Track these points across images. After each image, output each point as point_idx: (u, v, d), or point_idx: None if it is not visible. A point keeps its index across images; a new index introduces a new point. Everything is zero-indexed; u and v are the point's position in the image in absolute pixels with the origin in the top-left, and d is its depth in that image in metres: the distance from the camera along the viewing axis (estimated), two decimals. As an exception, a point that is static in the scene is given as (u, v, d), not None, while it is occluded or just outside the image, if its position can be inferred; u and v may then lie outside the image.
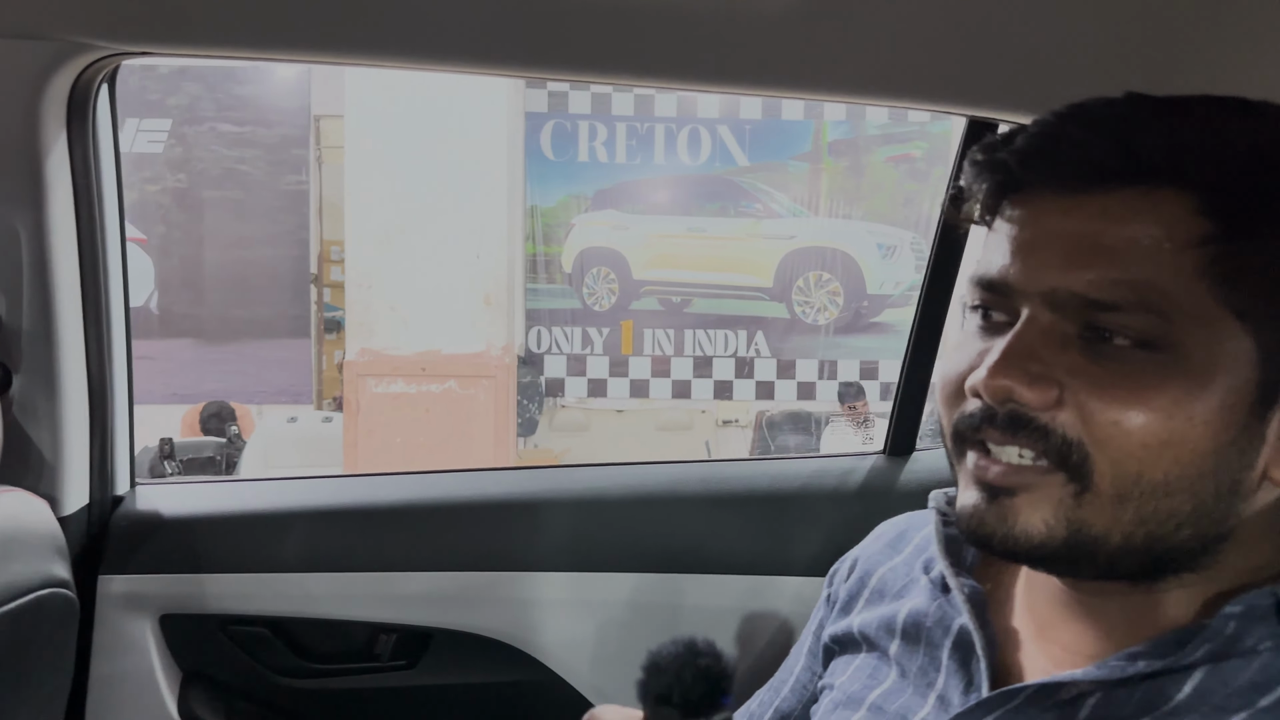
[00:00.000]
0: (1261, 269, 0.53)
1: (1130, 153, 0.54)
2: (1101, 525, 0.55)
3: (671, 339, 6.19)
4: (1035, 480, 0.56)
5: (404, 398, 4.65)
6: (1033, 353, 0.55)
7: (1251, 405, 0.54)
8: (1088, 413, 0.54)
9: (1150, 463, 0.53)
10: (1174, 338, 0.53)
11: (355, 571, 1.22)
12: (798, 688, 0.83)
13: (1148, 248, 0.53)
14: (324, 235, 6.31)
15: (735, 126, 6.06)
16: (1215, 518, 0.56)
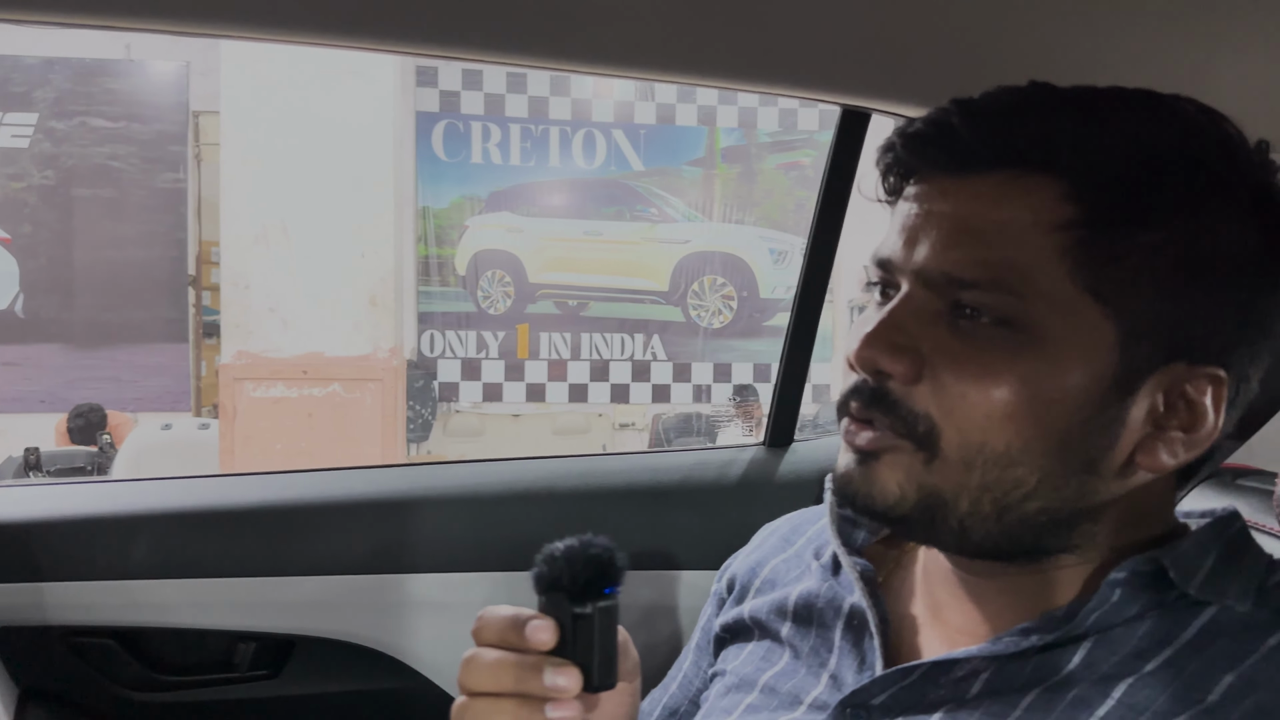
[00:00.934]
0: (1123, 256, 0.55)
1: (1000, 140, 0.56)
2: (949, 490, 0.57)
3: (568, 342, 6.16)
4: (892, 444, 0.58)
5: (285, 402, 4.49)
6: (901, 326, 0.57)
7: (1109, 389, 0.56)
8: (940, 384, 0.56)
9: (994, 434, 0.56)
10: (1030, 317, 0.55)
11: (210, 578, 1.15)
12: (685, 684, 0.83)
13: (1013, 230, 0.55)
14: (202, 236, 6.08)
15: (630, 131, 6.08)
16: (1068, 495, 0.57)
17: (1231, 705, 0.53)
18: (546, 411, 6.22)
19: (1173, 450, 0.57)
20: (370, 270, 4.67)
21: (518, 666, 0.56)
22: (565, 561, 0.57)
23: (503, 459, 1.30)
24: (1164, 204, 0.55)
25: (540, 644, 0.56)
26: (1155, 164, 0.55)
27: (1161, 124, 0.56)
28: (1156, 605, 0.57)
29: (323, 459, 4.41)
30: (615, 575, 0.57)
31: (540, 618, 0.57)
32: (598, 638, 0.56)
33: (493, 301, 6.03)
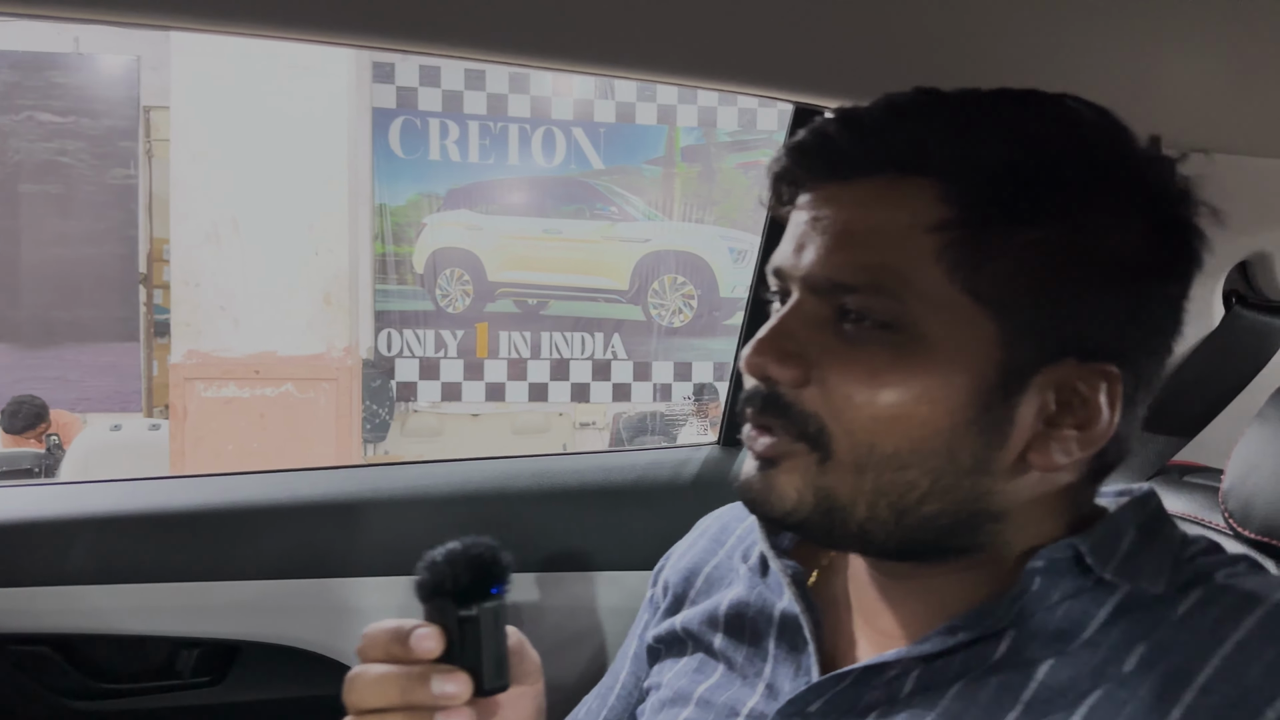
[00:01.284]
0: (1000, 255, 0.55)
1: (879, 145, 0.57)
2: (845, 494, 0.58)
3: (528, 341, 6.13)
4: (788, 450, 0.59)
5: (236, 402, 4.42)
6: (791, 333, 0.58)
7: (994, 388, 0.56)
8: (828, 388, 0.57)
9: (881, 435, 0.56)
10: (910, 319, 0.55)
11: (151, 583, 1.12)
12: (623, 694, 0.82)
13: (890, 232, 0.56)
14: (154, 233, 5.97)
15: (590, 129, 6.06)
16: (960, 496, 0.58)
17: (1145, 672, 0.54)
18: (506, 411, 6.18)
19: (1066, 448, 0.58)
20: (324, 268, 4.61)
21: (403, 678, 0.55)
22: (447, 565, 0.56)
23: (453, 460, 1.28)
24: (1041, 202, 0.55)
25: (426, 652, 0.55)
26: (1032, 162, 0.56)
27: (1041, 122, 0.57)
28: (1075, 591, 0.58)
29: (276, 460, 4.35)
30: (500, 574, 0.57)
31: (424, 626, 0.56)
32: (485, 640, 0.56)
33: (451, 300, 5.98)
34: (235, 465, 4.15)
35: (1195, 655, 0.54)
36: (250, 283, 4.51)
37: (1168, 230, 0.58)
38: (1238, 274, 1.04)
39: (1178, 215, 0.59)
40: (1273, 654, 0.52)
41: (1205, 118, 0.96)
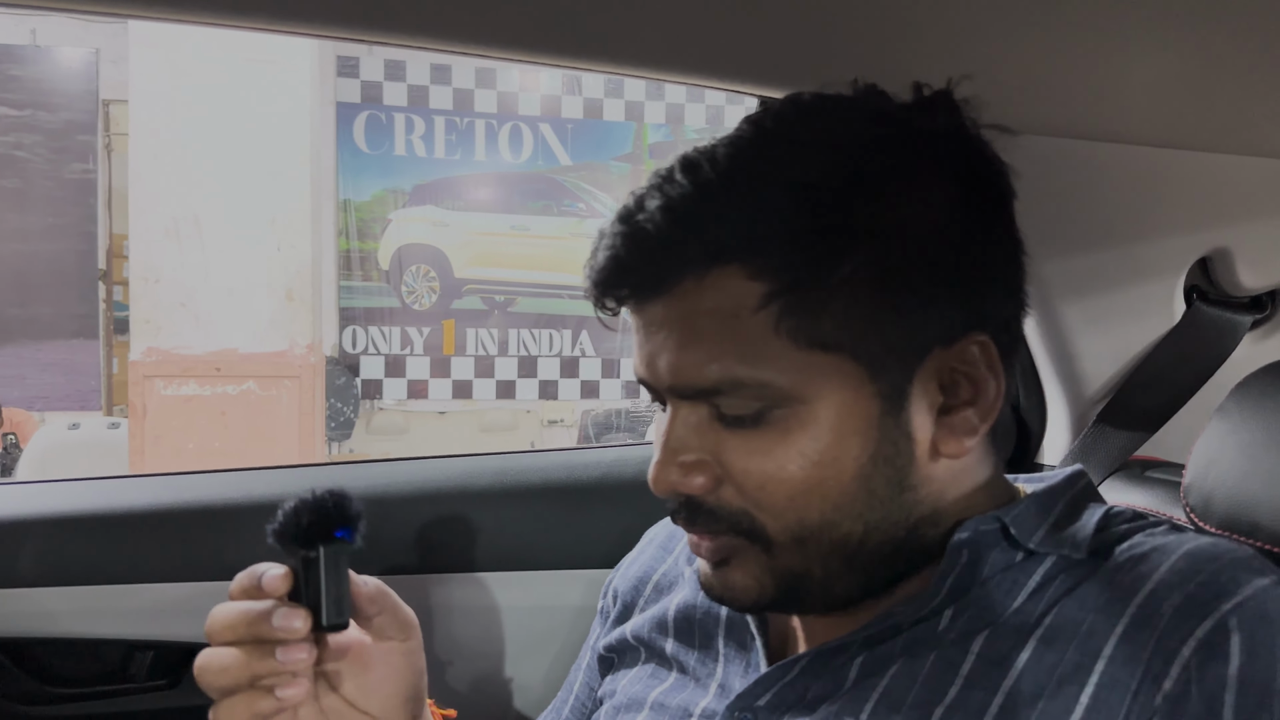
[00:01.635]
0: (826, 304, 0.55)
1: (671, 257, 0.56)
2: (799, 566, 0.59)
3: (495, 338, 6.09)
4: (735, 547, 0.60)
5: (197, 400, 4.35)
6: (684, 444, 0.59)
7: (880, 418, 0.57)
8: (740, 483, 0.58)
9: (805, 508, 0.57)
10: (780, 396, 0.56)
11: (103, 584, 1.10)
12: (578, 706, 0.83)
13: (725, 325, 0.56)
14: (114, 229, 5.87)
15: (557, 125, 6.03)
16: (895, 517, 0.59)
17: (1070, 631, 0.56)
18: (474, 409, 6.14)
19: (968, 427, 0.59)
20: (287, 264, 4.55)
21: (251, 612, 0.59)
22: (292, 511, 0.60)
23: (414, 458, 1.26)
24: (839, 237, 0.55)
25: (273, 590, 0.60)
26: (815, 204, 0.55)
27: (809, 154, 0.57)
28: (1006, 564, 0.59)
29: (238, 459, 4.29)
30: (345, 519, 0.60)
31: (275, 567, 0.60)
32: (325, 578, 0.59)
33: (417, 297, 5.93)
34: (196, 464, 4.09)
35: (1113, 609, 0.55)
36: (211, 279, 4.45)
37: (970, 180, 0.59)
38: (1198, 270, 1.05)
39: (974, 160, 0.59)
40: (1179, 597, 0.54)
41: (1166, 114, 0.97)
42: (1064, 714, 0.53)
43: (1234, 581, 0.54)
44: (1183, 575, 0.55)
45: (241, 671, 0.59)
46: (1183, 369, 1.02)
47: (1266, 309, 1.04)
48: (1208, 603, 0.53)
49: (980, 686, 0.56)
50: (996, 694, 0.55)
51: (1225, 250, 1.02)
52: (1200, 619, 0.52)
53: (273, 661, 0.58)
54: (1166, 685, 0.52)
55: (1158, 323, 1.04)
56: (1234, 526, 0.74)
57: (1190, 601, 0.53)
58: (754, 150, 0.58)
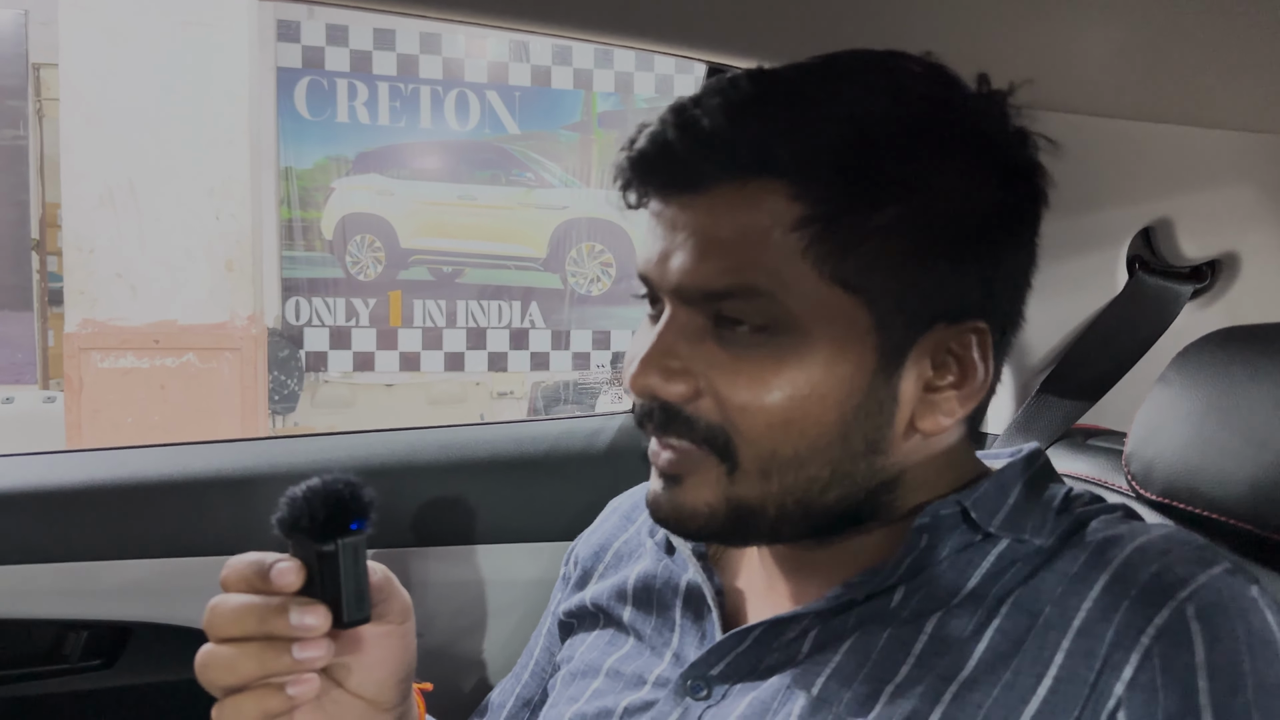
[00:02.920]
0: (860, 243, 0.56)
1: (722, 153, 0.56)
2: (755, 498, 0.58)
3: (443, 310, 6.03)
4: (695, 464, 0.59)
5: (135, 373, 4.25)
6: (672, 349, 0.58)
7: (875, 371, 0.57)
8: (722, 400, 0.57)
9: (781, 440, 0.57)
10: (788, 318, 0.56)
11: (33, 563, 1.06)
12: (538, 671, 0.83)
13: (754, 236, 0.56)
14: (46, 197, 5.68)
15: (505, 93, 5.95)
16: (859, 477, 0.59)
17: (1025, 619, 0.56)
18: (422, 381, 6.09)
19: (949, 409, 0.60)
20: (226, 234, 4.45)
21: (262, 608, 0.55)
22: (305, 501, 0.57)
23: (356, 431, 1.24)
24: (888, 183, 0.56)
25: (286, 585, 0.55)
26: (873, 144, 0.56)
27: (875, 97, 0.57)
28: (963, 545, 0.59)
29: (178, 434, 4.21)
30: (361, 509, 0.57)
31: (285, 559, 0.56)
32: (345, 573, 0.56)
33: (362, 267, 5.84)
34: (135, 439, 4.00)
35: (1068, 598, 0.56)
36: (148, 249, 4.33)
37: (1012, 174, 0.59)
38: (1141, 240, 1.06)
39: (1019, 157, 0.60)
40: (1134, 589, 0.54)
41: (1113, 84, 0.97)
42: (1019, 704, 0.53)
43: (1187, 572, 0.54)
44: (1135, 568, 0.55)
45: (252, 670, 0.55)
46: (1124, 338, 1.04)
47: (1206, 279, 1.06)
48: (1162, 592, 0.53)
49: (931, 667, 0.56)
50: (948, 676, 0.56)
51: (1168, 220, 1.03)
52: (1157, 608, 0.53)
53: (287, 659, 0.55)
54: (1127, 673, 0.52)
55: (1100, 293, 1.05)
56: (1174, 493, 0.75)
57: (1145, 593, 0.54)
58: (823, 80, 0.57)
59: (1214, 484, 0.71)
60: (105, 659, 1.11)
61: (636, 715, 0.65)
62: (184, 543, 1.10)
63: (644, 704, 0.65)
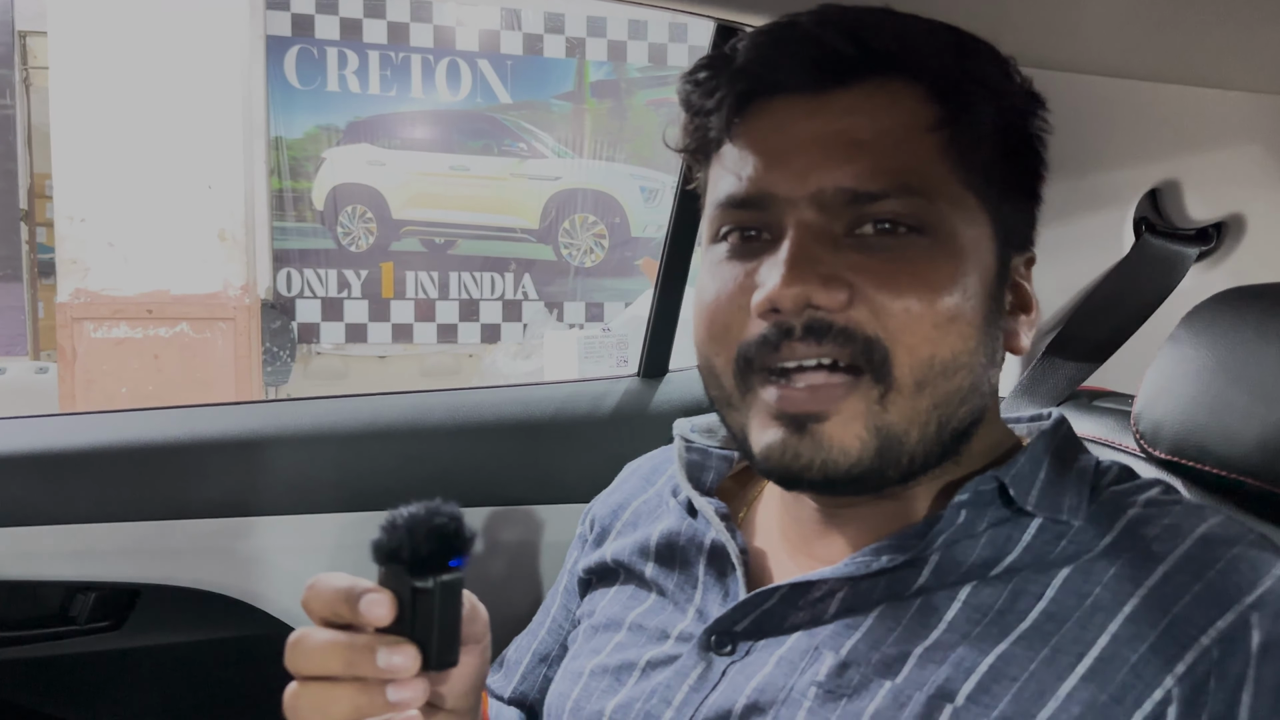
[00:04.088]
0: (980, 147, 0.57)
1: (865, 45, 0.56)
2: (903, 422, 0.56)
3: (435, 281, 6.00)
4: (841, 395, 0.55)
5: (129, 343, 4.23)
6: (816, 256, 0.55)
7: (994, 277, 0.59)
8: (878, 306, 0.55)
9: (941, 342, 0.56)
10: (938, 218, 0.56)
11: (41, 525, 1.07)
12: (554, 628, 0.83)
13: (898, 136, 0.56)
14: (35, 167, 5.63)
15: (496, 61, 5.90)
16: (984, 391, 0.60)
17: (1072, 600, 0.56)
18: (414, 353, 6.07)
19: (1025, 332, 0.62)
20: (218, 203, 4.41)
21: (349, 648, 0.52)
22: (406, 531, 0.52)
23: (362, 394, 1.24)
24: (990, 96, 0.58)
25: (375, 620, 0.52)
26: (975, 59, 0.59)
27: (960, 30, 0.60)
28: (998, 520, 0.59)
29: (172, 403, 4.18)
30: (462, 547, 0.53)
31: (377, 591, 0.52)
32: (438, 614, 0.52)
33: (354, 238, 5.81)
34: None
35: (1122, 587, 0.55)
36: (140, 218, 4.29)
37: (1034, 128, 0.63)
38: (1147, 202, 1.06)
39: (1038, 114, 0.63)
40: (1198, 584, 0.54)
41: (1121, 44, 0.97)
42: (1055, 680, 0.53)
43: (1254, 571, 0.54)
44: (1199, 562, 0.55)
45: (347, 713, 0.52)
46: (1130, 301, 1.04)
47: (1212, 241, 1.06)
48: (1228, 593, 0.53)
49: (965, 635, 0.56)
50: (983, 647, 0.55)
51: (1175, 182, 1.03)
52: (1222, 610, 0.52)
53: (381, 700, 0.52)
54: (1180, 669, 0.52)
55: (1107, 255, 1.05)
56: (1182, 452, 0.75)
57: (1209, 589, 0.53)
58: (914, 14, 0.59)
59: (1223, 442, 0.72)
60: (113, 620, 1.12)
61: (659, 668, 0.65)
62: (191, 505, 1.10)
63: (667, 658, 0.65)
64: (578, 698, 0.69)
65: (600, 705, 0.66)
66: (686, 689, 0.63)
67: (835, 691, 0.57)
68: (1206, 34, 0.94)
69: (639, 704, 0.64)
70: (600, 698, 0.67)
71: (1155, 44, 0.97)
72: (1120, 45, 0.97)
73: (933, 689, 0.55)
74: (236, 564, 1.11)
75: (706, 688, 0.62)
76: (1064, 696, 0.53)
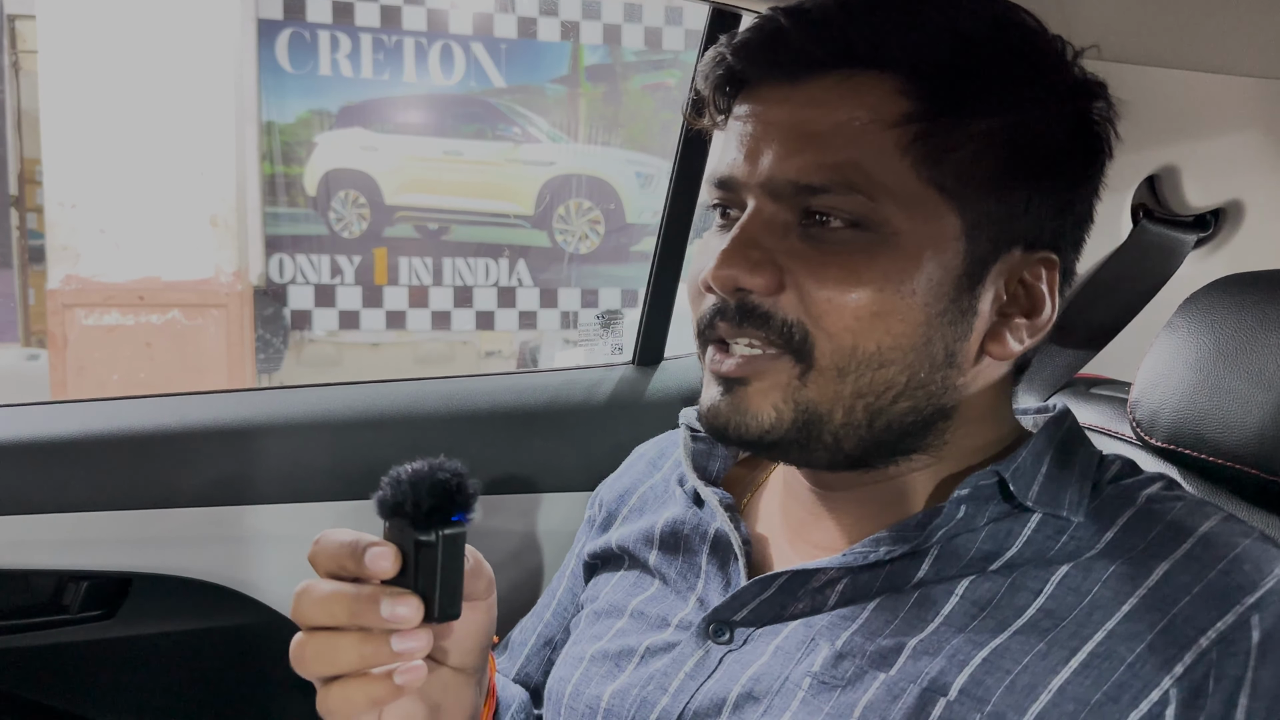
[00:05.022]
0: (959, 147, 0.57)
1: (833, 39, 0.56)
2: (825, 403, 0.58)
3: (429, 268, 5.98)
4: (765, 367, 0.58)
5: (120, 330, 4.21)
6: (755, 242, 0.57)
7: (959, 279, 0.58)
8: (805, 293, 0.56)
9: (864, 334, 0.56)
10: (881, 215, 0.56)
11: (31, 514, 1.06)
12: (560, 611, 0.83)
13: (853, 130, 0.56)
14: (24, 152, 5.58)
15: (490, 45, 5.86)
16: (932, 390, 0.59)
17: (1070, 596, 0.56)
18: (408, 340, 6.05)
19: (1018, 336, 0.61)
20: (210, 188, 4.39)
21: (353, 599, 0.53)
22: (410, 486, 0.53)
23: (356, 382, 1.23)
24: (989, 93, 0.57)
25: (380, 572, 0.53)
26: (977, 54, 0.57)
27: (975, 16, 0.58)
28: (998, 515, 0.59)
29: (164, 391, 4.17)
30: (465, 502, 0.54)
31: (381, 544, 0.53)
32: (441, 567, 0.53)
33: (346, 224, 5.78)
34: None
35: (1121, 581, 0.55)
36: (131, 204, 4.27)
37: (1087, 121, 0.61)
38: (1145, 188, 1.06)
39: (1094, 106, 0.61)
40: (1200, 588, 0.54)
41: (1121, 29, 0.96)
42: (1048, 674, 0.53)
43: (1256, 571, 0.54)
44: (1201, 562, 0.55)
45: (352, 662, 0.53)
46: (1128, 288, 1.04)
47: (1210, 227, 1.06)
48: (1229, 594, 0.53)
49: (961, 628, 0.56)
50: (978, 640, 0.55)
51: (1173, 168, 1.03)
52: (1221, 612, 0.52)
53: (386, 650, 0.53)
54: (1178, 669, 0.52)
55: (1105, 241, 1.04)
56: (1179, 440, 0.75)
57: (1209, 590, 0.53)
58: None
59: (1220, 429, 0.71)
60: (106, 609, 1.11)
61: (658, 655, 0.66)
62: (183, 493, 1.10)
63: (666, 645, 0.66)
64: (577, 682, 0.69)
65: (599, 690, 0.67)
66: (683, 676, 0.63)
67: (830, 682, 0.57)
68: (1206, 18, 0.94)
69: (636, 690, 0.65)
70: (599, 683, 0.68)
71: (1154, 29, 0.96)
72: (1118, 30, 0.97)
73: (926, 681, 0.55)
74: (229, 552, 1.11)
75: (703, 675, 0.62)
76: (1056, 691, 0.53)
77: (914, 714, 0.54)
